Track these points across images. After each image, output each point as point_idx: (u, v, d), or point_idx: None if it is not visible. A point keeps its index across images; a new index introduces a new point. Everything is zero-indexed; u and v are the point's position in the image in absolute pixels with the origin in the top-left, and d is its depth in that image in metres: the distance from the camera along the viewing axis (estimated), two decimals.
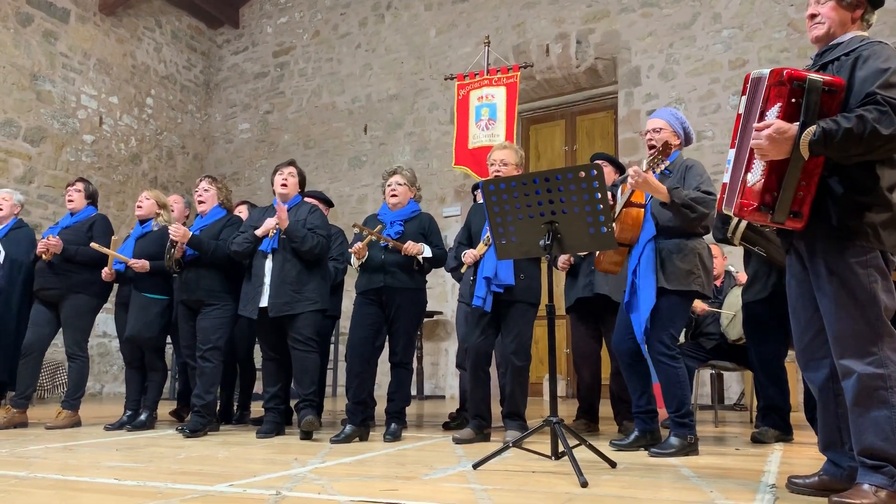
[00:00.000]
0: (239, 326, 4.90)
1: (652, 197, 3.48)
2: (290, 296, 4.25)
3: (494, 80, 6.42)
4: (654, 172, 3.40)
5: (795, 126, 2.13)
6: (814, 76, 2.15)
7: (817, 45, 2.40)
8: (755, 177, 2.22)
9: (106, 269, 4.94)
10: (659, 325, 3.45)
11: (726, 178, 2.42)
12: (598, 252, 3.73)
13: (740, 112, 2.40)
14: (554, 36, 8.83)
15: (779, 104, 2.17)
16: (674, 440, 3.38)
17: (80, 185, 5.25)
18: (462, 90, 6.58)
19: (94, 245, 4.85)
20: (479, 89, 6.47)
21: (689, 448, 3.38)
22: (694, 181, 3.46)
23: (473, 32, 9.26)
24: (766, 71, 2.25)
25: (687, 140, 3.70)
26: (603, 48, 8.55)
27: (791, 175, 2.15)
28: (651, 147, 3.59)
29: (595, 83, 8.85)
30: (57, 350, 6.71)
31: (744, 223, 3.68)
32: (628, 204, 3.50)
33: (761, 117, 2.21)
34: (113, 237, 5.09)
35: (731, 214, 2.38)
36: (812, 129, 2.09)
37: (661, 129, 3.61)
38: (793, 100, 2.15)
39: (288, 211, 4.35)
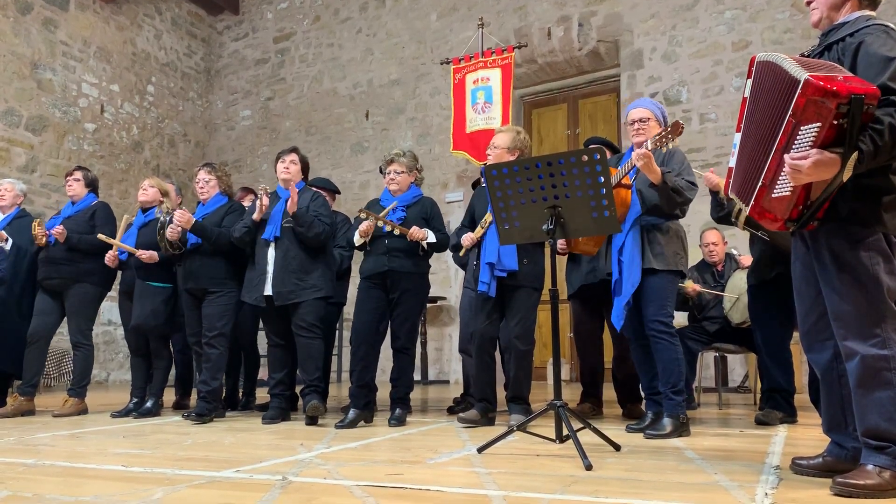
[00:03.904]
0: (243, 314, 4.90)
1: (637, 176, 3.52)
2: (295, 284, 4.26)
3: (489, 63, 6.36)
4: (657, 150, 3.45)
5: (837, 157, 2.02)
6: (857, 94, 1.97)
7: (819, 30, 2.39)
8: (783, 190, 2.14)
9: (110, 252, 4.94)
10: (655, 305, 3.53)
11: (732, 163, 2.40)
12: None
13: (746, 95, 2.37)
14: (556, 19, 8.77)
15: (818, 124, 2.02)
16: (667, 421, 3.45)
17: (79, 174, 5.25)
18: (458, 74, 6.52)
19: (101, 237, 4.86)
20: (474, 72, 6.40)
21: (682, 428, 3.45)
22: (675, 168, 3.56)
23: (474, 16, 9.17)
24: (800, 75, 2.04)
25: (665, 126, 3.78)
26: (605, 31, 8.50)
27: (825, 194, 2.09)
28: (639, 137, 3.66)
29: (597, 66, 8.81)
30: (63, 338, 6.73)
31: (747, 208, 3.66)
32: (617, 185, 3.52)
33: (792, 129, 2.08)
34: (125, 216, 5.10)
35: (744, 208, 2.34)
36: (855, 155, 2.01)
37: (648, 118, 3.70)
38: (835, 122, 2.01)
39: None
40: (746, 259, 5.02)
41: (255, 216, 4.36)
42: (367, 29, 10.32)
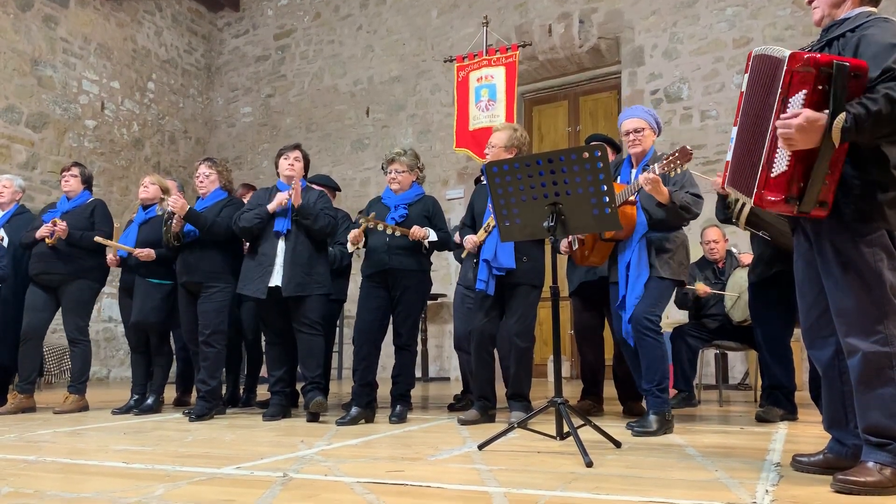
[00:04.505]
0: (246, 309, 4.90)
1: (640, 192, 3.54)
2: (303, 277, 4.27)
3: (493, 61, 6.37)
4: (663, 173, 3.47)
5: (825, 115, 2.05)
6: (840, 61, 2.05)
7: (821, 27, 2.39)
8: (780, 167, 2.14)
9: (110, 255, 4.94)
10: (647, 303, 3.55)
11: (729, 157, 2.40)
12: (577, 248, 3.81)
13: (743, 90, 2.38)
14: (556, 15, 8.76)
15: (804, 91, 2.07)
16: (652, 418, 3.46)
17: (75, 170, 5.24)
18: (461, 72, 6.52)
19: (98, 239, 4.83)
20: (478, 70, 6.41)
21: (667, 425, 3.47)
22: (679, 181, 3.58)
23: (475, 13, 9.19)
24: (784, 53, 2.14)
25: (659, 132, 3.83)
26: (606, 27, 8.49)
27: (820, 165, 2.09)
28: (635, 148, 3.72)
29: (598, 63, 8.79)
30: (63, 335, 6.74)
31: (748, 207, 3.65)
32: (622, 203, 3.54)
33: (782, 104, 2.12)
34: (117, 226, 5.10)
35: (747, 201, 2.34)
36: (843, 116, 2.03)
37: (642, 129, 3.72)
38: (819, 87, 2.05)
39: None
40: (747, 257, 5.02)
41: (272, 207, 4.33)
42: (368, 26, 10.32)
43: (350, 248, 4.31)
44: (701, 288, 5.08)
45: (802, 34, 7.26)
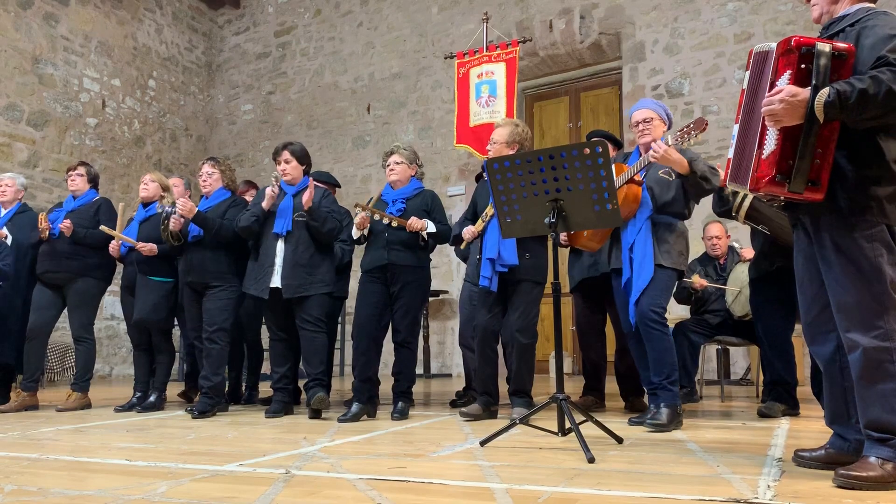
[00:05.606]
0: (247, 307, 4.91)
1: (647, 173, 3.51)
2: (304, 278, 4.27)
3: (494, 57, 6.36)
4: (676, 145, 3.47)
5: (807, 90, 2.07)
6: (821, 42, 2.10)
7: (821, 24, 2.39)
8: (770, 147, 2.16)
9: (113, 243, 4.95)
10: (652, 296, 3.54)
11: (731, 154, 2.40)
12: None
13: (744, 87, 2.38)
14: (557, 11, 8.75)
15: (789, 72, 2.12)
16: (664, 412, 3.45)
17: (82, 169, 5.25)
18: (462, 68, 6.52)
19: (103, 227, 4.86)
20: (478, 66, 6.41)
21: (678, 419, 3.46)
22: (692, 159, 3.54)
23: (476, 9, 9.17)
24: (773, 44, 2.20)
25: (669, 125, 3.82)
26: (607, 23, 8.47)
27: (807, 141, 2.09)
28: (645, 138, 3.68)
29: (599, 59, 8.78)
30: (66, 333, 6.76)
31: (748, 201, 3.65)
32: (628, 181, 3.52)
33: (772, 87, 2.16)
34: (121, 205, 5.10)
35: (744, 191, 2.35)
36: (826, 90, 2.04)
37: (652, 118, 3.71)
38: (802, 66, 2.10)
39: (296, 195, 4.36)
40: (748, 252, 5.02)
41: (265, 204, 4.35)
42: (368, 22, 10.30)
43: (356, 233, 4.30)
44: (697, 281, 5.08)
45: (804, 29, 7.24)
